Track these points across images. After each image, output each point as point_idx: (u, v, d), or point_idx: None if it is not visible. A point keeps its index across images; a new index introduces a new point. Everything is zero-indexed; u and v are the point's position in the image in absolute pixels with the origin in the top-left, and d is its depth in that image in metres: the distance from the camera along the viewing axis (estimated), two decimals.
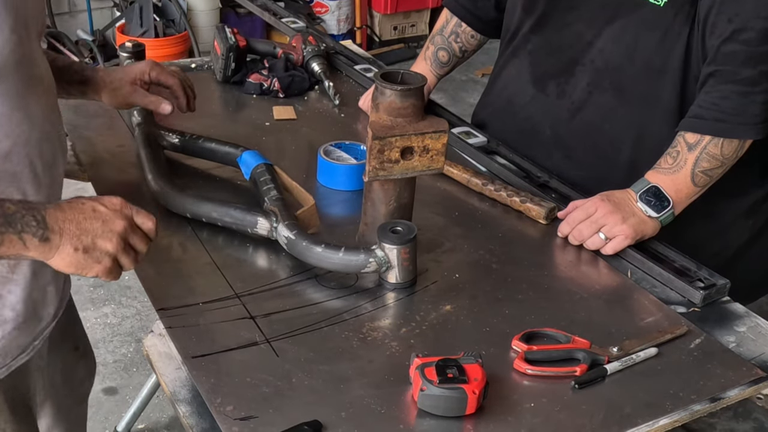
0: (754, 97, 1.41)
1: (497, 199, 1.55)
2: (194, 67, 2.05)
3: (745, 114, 1.42)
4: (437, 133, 1.24)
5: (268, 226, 1.33)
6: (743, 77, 1.41)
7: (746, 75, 1.41)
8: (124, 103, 1.51)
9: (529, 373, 1.13)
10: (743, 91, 1.41)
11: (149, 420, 2.32)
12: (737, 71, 1.41)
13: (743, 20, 1.39)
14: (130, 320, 2.69)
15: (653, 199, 1.43)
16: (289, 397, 1.07)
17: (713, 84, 1.44)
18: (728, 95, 1.42)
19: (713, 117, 1.43)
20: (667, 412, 1.10)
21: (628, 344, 1.19)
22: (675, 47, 1.50)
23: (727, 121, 1.42)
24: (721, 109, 1.42)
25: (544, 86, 1.69)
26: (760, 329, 1.28)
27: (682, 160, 1.44)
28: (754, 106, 1.42)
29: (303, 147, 1.72)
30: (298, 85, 1.94)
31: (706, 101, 1.44)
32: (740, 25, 1.40)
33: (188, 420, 1.08)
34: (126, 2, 4.27)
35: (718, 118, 1.42)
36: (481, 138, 1.76)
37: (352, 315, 1.23)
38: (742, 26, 1.40)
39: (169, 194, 1.42)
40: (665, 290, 1.35)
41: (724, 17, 1.41)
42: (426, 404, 1.04)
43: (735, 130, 1.43)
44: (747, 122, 1.42)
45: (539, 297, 1.31)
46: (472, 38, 1.86)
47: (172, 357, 1.17)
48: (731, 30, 1.41)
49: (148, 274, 1.29)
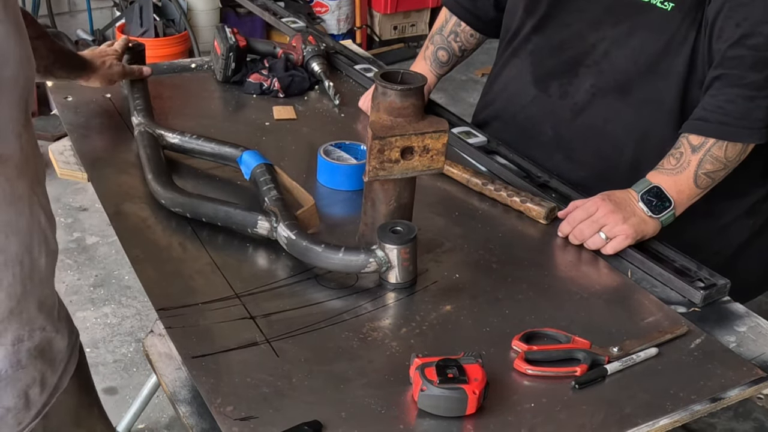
0: (760, 102, 1.41)
1: (497, 199, 1.55)
2: (194, 67, 2.05)
3: (750, 118, 1.42)
4: (437, 132, 1.24)
5: (268, 226, 1.33)
6: (749, 81, 1.41)
7: (753, 79, 1.41)
8: (112, 81, 1.71)
9: (530, 373, 1.13)
10: (749, 95, 1.41)
11: (149, 420, 2.32)
12: (744, 75, 1.41)
13: (751, 25, 1.40)
14: (130, 320, 2.69)
15: (654, 200, 1.43)
16: (289, 397, 1.07)
17: (719, 87, 1.44)
18: (734, 99, 1.42)
19: (718, 120, 1.43)
20: (668, 412, 1.09)
21: (629, 344, 1.19)
22: (681, 51, 1.50)
23: (731, 124, 1.42)
24: (726, 112, 1.42)
25: (546, 87, 1.68)
26: (761, 329, 1.28)
27: (686, 162, 1.44)
28: (759, 110, 1.42)
29: (303, 147, 1.71)
30: (298, 85, 1.94)
31: (711, 104, 1.44)
32: (748, 30, 1.40)
33: (188, 420, 1.08)
34: (126, 2, 4.27)
35: (722, 121, 1.43)
36: (481, 138, 1.76)
37: (352, 315, 1.23)
38: (749, 31, 1.40)
39: (169, 194, 1.42)
40: (665, 290, 1.35)
41: (732, 22, 1.42)
42: (426, 404, 1.04)
43: (739, 134, 1.43)
44: (752, 126, 1.42)
45: (539, 297, 1.31)
46: (472, 37, 1.86)
47: (172, 357, 1.17)
48: (739, 34, 1.41)
49: (148, 274, 1.29)
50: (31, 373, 1.04)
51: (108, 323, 2.66)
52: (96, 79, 1.68)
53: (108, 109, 1.79)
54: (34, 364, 1.04)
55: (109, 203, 1.46)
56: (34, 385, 1.05)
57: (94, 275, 2.89)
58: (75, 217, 3.22)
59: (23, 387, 1.03)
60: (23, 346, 1.01)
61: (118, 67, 1.71)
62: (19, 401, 1.03)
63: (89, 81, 1.68)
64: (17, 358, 1.01)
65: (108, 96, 1.83)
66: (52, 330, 1.07)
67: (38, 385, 1.06)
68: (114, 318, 2.69)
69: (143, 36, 4.01)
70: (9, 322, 0.98)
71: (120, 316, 2.70)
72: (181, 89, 1.92)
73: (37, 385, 1.05)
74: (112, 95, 1.83)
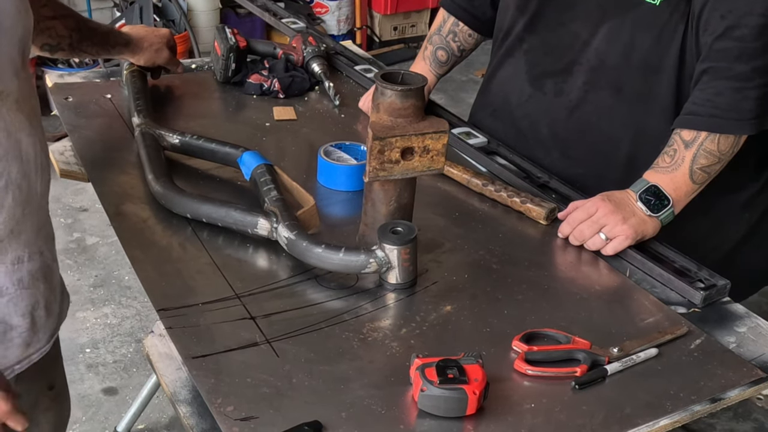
0: (748, 93, 1.42)
1: (497, 199, 1.55)
2: (194, 68, 2.05)
3: (739, 109, 1.43)
4: (438, 133, 1.24)
5: (269, 227, 1.33)
6: (736, 73, 1.42)
7: (739, 71, 1.42)
8: (154, 62, 1.80)
9: (530, 373, 1.13)
10: (737, 86, 1.42)
11: (149, 420, 2.32)
12: (731, 67, 1.42)
13: (736, 17, 1.40)
14: (130, 320, 2.69)
15: (653, 199, 1.43)
16: (289, 398, 1.07)
17: (707, 81, 1.45)
18: (722, 91, 1.43)
19: (708, 113, 1.43)
20: (668, 412, 1.10)
21: (629, 345, 1.19)
22: (671, 45, 1.50)
23: (721, 117, 1.43)
24: (716, 105, 1.43)
25: (541, 85, 1.69)
26: (761, 330, 1.28)
27: (680, 158, 1.45)
28: (747, 101, 1.42)
29: (303, 147, 1.72)
30: (298, 86, 1.94)
31: (700, 98, 1.45)
32: (733, 22, 1.41)
33: (188, 420, 1.08)
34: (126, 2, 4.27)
35: (713, 114, 1.43)
36: (482, 138, 1.76)
37: (353, 315, 1.23)
38: (735, 23, 1.41)
39: (169, 194, 1.42)
40: (665, 291, 1.35)
41: (717, 14, 1.42)
42: (426, 405, 1.04)
43: (730, 126, 1.43)
44: (741, 118, 1.43)
45: (539, 297, 1.31)
46: (470, 37, 1.87)
47: (172, 357, 1.17)
48: (724, 27, 1.41)
49: (148, 274, 1.29)
50: (35, 295, 1.13)
51: (108, 323, 2.66)
52: (141, 58, 1.78)
53: (108, 109, 1.79)
54: (37, 286, 1.13)
55: (109, 203, 1.46)
56: (39, 308, 1.14)
57: (94, 275, 2.89)
58: (75, 218, 3.22)
59: (27, 307, 1.12)
60: (23, 266, 1.10)
61: (165, 53, 1.81)
62: (23, 320, 1.12)
63: (135, 58, 1.79)
64: (18, 277, 1.10)
65: (108, 96, 1.83)
66: (50, 258, 1.17)
67: (43, 308, 1.15)
68: (114, 318, 2.69)
69: None
70: (9, 242, 1.07)
71: (120, 317, 2.70)
72: (182, 90, 1.92)
73: (42, 308, 1.15)
74: (113, 95, 1.83)
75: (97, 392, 2.39)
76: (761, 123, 1.44)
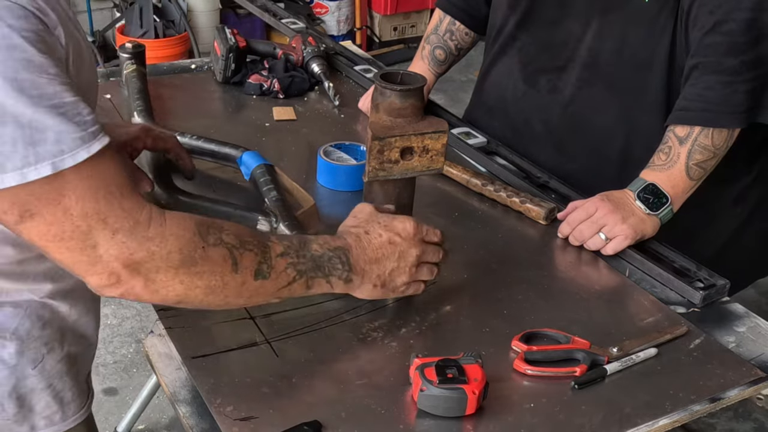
0: (738, 87, 1.43)
1: (497, 199, 1.55)
2: (194, 68, 2.05)
3: (730, 103, 1.43)
4: (437, 133, 1.24)
5: (268, 227, 1.33)
6: (726, 67, 1.43)
7: (729, 65, 1.42)
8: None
9: (529, 373, 1.13)
10: (726, 81, 1.43)
11: (149, 421, 2.32)
12: (720, 62, 1.43)
13: (725, 12, 1.41)
14: (130, 321, 2.69)
15: (651, 197, 1.43)
16: (289, 397, 1.07)
17: (697, 76, 1.46)
18: (712, 86, 1.44)
19: (700, 108, 1.44)
20: (667, 412, 1.10)
21: (628, 344, 1.19)
22: (661, 41, 1.52)
23: (713, 111, 1.44)
24: (707, 99, 1.44)
25: (535, 82, 1.70)
26: (760, 329, 1.28)
27: (675, 155, 1.45)
28: (737, 95, 1.43)
29: (303, 148, 1.72)
30: (297, 86, 1.94)
31: (691, 93, 1.46)
32: (722, 17, 1.42)
33: (188, 420, 1.08)
34: (126, 3, 4.27)
35: (704, 108, 1.44)
36: (481, 138, 1.76)
37: (352, 315, 1.23)
38: (723, 18, 1.42)
39: (169, 195, 1.42)
40: (665, 290, 1.35)
41: (705, 9, 1.43)
42: (426, 404, 1.04)
43: (722, 119, 1.44)
44: (732, 111, 1.44)
45: (539, 297, 1.31)
46: (467, 36, 1.87)
47: (172, 357, 1.17)
48: (713, 21, 1.42)
49: None
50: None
51: (108, 324, 2.66)
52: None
53: (108, 109, 1.79)
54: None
55: None
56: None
57: None
58: None
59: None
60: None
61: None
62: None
63: None
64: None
65: (108, 96, 1.83)
66: None
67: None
68: (114, 319, 2.69)
69: (143, 37, 4.01)
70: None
71: (120, 317, 2.70)
72: (181, 90, 1.92)
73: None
74: (112, 96, 1.83)
75: (97, 393, 2.37)
76: (752, 115, 1.45)
